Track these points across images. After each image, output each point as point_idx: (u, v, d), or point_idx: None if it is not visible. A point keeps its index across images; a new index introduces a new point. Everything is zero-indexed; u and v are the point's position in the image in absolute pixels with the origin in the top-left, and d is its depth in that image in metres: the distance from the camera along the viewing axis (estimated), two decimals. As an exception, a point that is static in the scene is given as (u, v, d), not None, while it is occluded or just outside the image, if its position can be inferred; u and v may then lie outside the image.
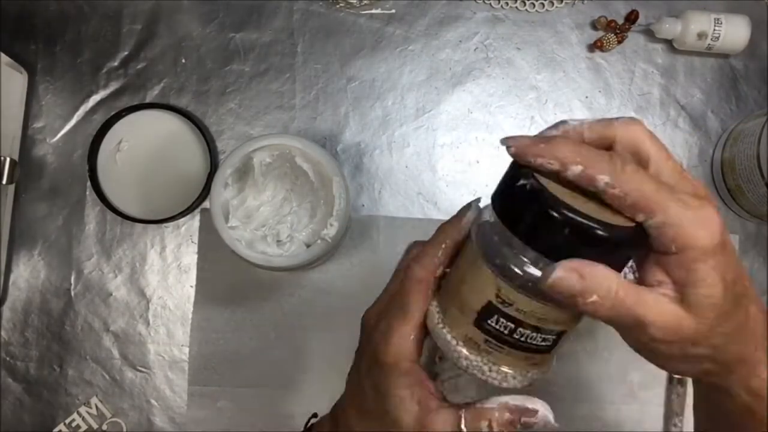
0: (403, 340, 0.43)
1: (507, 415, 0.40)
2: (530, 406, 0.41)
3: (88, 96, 0.72)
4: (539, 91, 0.73)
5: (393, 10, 0.73)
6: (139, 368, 0.70)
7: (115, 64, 0.72)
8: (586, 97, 0.73)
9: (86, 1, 0.73)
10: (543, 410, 0.41)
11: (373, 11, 0.73)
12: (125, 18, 0.72)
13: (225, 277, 0.70)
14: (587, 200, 0.36)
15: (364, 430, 0.45)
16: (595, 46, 0.73)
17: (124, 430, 0.69)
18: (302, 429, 0.52)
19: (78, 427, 0.69)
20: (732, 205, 0.71)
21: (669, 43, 0.73)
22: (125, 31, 0.72)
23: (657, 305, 0.36)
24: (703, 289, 0.36)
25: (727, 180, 0.70)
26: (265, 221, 0.64)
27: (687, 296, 0.36)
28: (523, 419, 0.41)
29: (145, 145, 0.69)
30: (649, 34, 0.73)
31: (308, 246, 0.62)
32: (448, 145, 0.72)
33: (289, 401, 0.69)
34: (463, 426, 0.41)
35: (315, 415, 0.52)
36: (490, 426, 0.40)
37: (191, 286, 0.70)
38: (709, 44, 0.70)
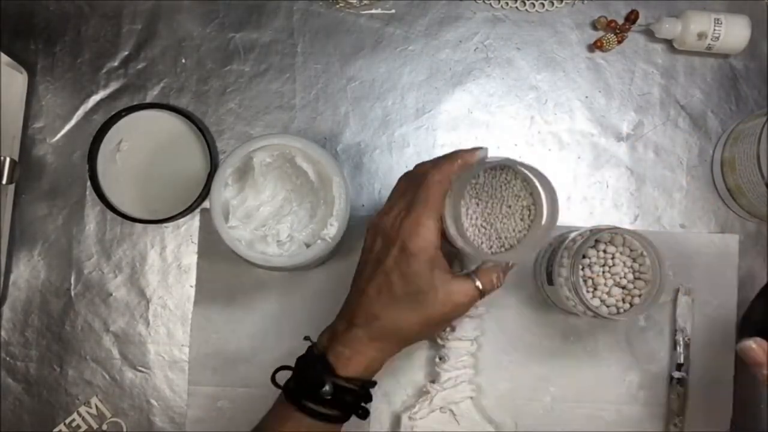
0: (429, 231, 0.53)
1: (500, 270, 0.56)
2: (504, 264, 0.57)
3: (88, 96, 0.72)
4: (539, 91, 0.73)
5: (393, 10, 0.73)
6: (139, 368, 0.70)
7: (115, 64, 0.72)
8: (586, 97, 0.73)
9: (86, 1, 0.73)
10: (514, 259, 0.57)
11: (373, 11, 0.73)
12: (125, 18, 0.72)
13: (225, 277, 0.70)
14: None
15: (396, 315, 0.54)
16: (595, 46, 0.73)
17: (124, 430, 0.69)
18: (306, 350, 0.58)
19: (78, 427, 0.69)
20: (732, 204, 0.71)
21: (669, 43, 0.73)
22: (125, 31, 0.72)
23: None
24: None
25: (727, 180, 0.70)
26: (265, 221, 0.64)
27: None
28: (510, 266, 0.57)
29: (146, 145, 0.69)
30: (649, 34, 0.73)
31: (308, 246, 0.62)
32: (449, 145, 0.72)
33: (289, 401, 0.69)
34: (478, 284, 0.55)
35: (307, 338, 0.58)
36: (498, 277, 0.56)
37: (191, 286, 0.70)
38: (709, 44, 0.70)
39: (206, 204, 0.69)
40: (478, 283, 0.55)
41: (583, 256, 0.62)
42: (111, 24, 0.72)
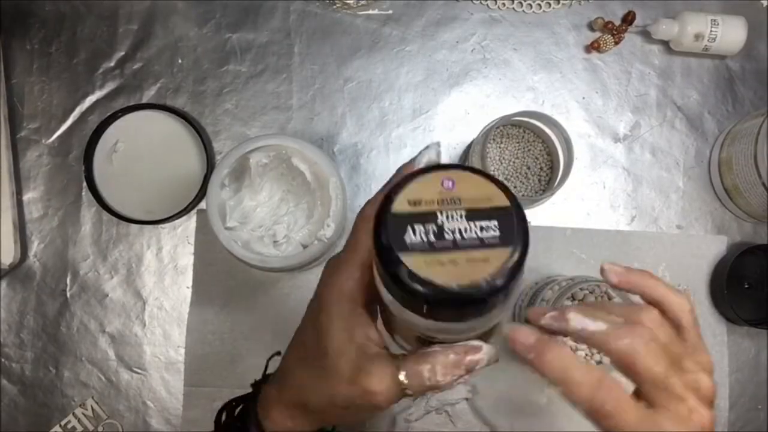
0: (347, 279, 0.40)
1: (452, 356, 0.38)
2: (474, 343, 0.39)
3: (84, 96, 0.72)
4: (536, 92, 0.73)
5: (390, 11, 0.73)
6: (135, 369, 0.70)
7: (112, 64, 0.72)
8: (583, 98, 0.73)
9: (82, 2, 0.72)
10: (486, 347, 0.39)
11: (370, 12, 0.73)
12: (121, 18, 0.72)
13: (221, 278, 0.69)
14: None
15: (303, 379, 0.43)
16: (592, 47, 0.73)
17: (120, 431, 0.69)
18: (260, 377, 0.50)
19: (74, 428, 0.69)
20: (729, 205, 0.71)
21: (666, 45, 0.73)
22: (121, 32, 0.72)
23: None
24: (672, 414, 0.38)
25: (724, 180, 0.70)
26: (261, 222, 0.64)
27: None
28: (468, 358, 0.38)
29: (142, 146, 0.69)
30: (645, 35, 0.73)
31: (305, 247, 0.62)
32: (445, 146, 0.72)
33: (285, 403, 0.69)
34: (402, 377, 0.38)
35: (278, 353, 0.48)
36: (432, 370, 0.38)
37: (187, 287, 0.70)
38: (705, 45, 0.70)
39: (202, 205, 0.69)
40: (402, 376, 0.38)
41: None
42: (107, 24, 0.72)
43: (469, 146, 0.67)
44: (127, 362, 0.70)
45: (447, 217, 0.34)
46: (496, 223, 0.34)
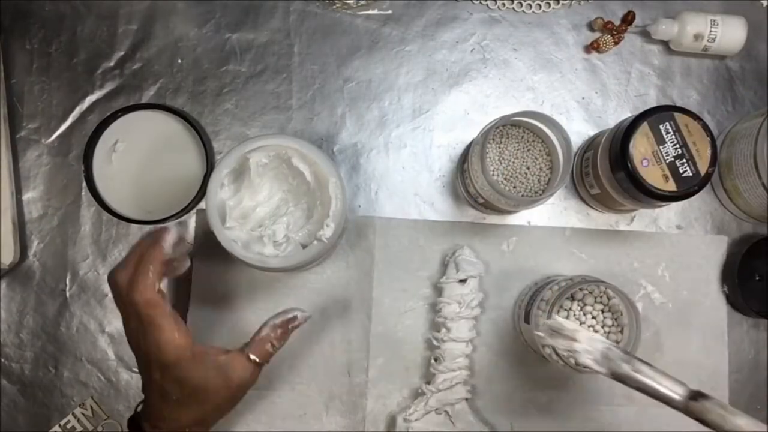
0: (175, 337, 0.53)
1: (279, 330, 0.56)
2: (289, 315, 0.57)
3: (84, 96, 0.72)
4: (536, 92, 0.73)
5: (390, 11, 0.73)
6: (135, 369, 0.70)
7: (111, 64, 0.72)
8: (583, 98, 0.73)
9: (82, 2, 0.72)
10: (298, 313, 0.57)
11: (370, 12, 0.73)
12: (121, 18, 0.72)
13: (221, 278, 0.69)
14: None
15: (176, 415, 0.54)
16: (592, 48, 0.73)
17: (120, 431, 0.69)
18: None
19: (73, 428, 0.69)
20: (728, 205, 0.71)
21: (665, 45, 0.73)
22: (121, 32, 0.72)
23: None
24: None
25: (724, 180, 0.70)
26: (261, 222, 0.64)
27: None
28: (290, 326, 0.57)
29: (141, 146, 0.69)
30: (645, 35, 0.73)
31: (304, 247, 0.62)
32: (445, 146, 0.72)
33: (284, 401, 0.69)
34: (253, 357, 0.55)
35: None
36: (272, 345, 0.56)
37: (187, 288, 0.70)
38: (705, 45, 0.70)
39: (202, 205, 0.69)
40: (253, 357, 0.55)
41: (561, 307, 0.63)
42: (107, 24, 0.72)
43: (469, 146, 0.67)
44: (126, 362, 0.70)
45: None
46: None
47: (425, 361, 0.69)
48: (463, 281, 0.67)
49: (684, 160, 0.60)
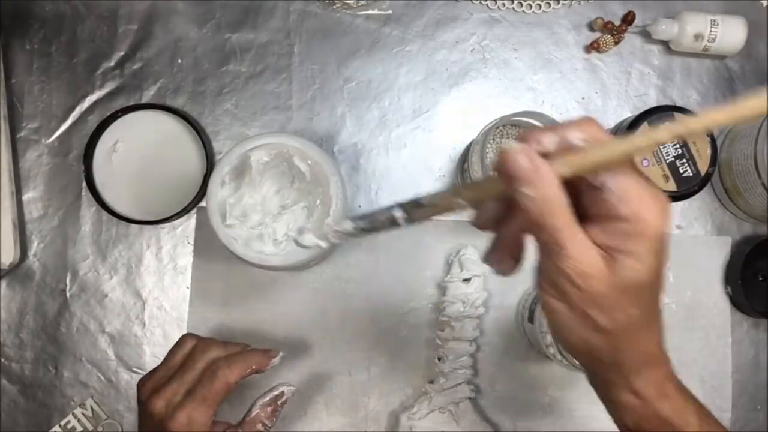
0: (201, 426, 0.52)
1: (268, 409, 0.56)
2: (276, 392, 0.56)
3: (84, 96, 0.72)
4: (536, 92, 0.73)
5: (390, 11, 0.73)
6: (135, 369, 0.70)
7: (111, 64, 0.72)
8: (583, 98, 0.73)
9: (82, 2, 0.72)
10: (285, 388, 0.57)
11: (370, 12, 0.73)
12: (121, 18, 0.72)
13: (221, 276, 0.69)
14: None
15: None
16: (592, 48, 0.73)
17: (120, 431, 0.69)
18: None
19: (73, 428, 0.69)
20: (729, 205, 0.71)
21: (665, 45, 0.73)
22: (121, 32, 0.72)
23: (583, 244, 0.35)
24: (633, 262, 0.35)
25: (724, 180, 0.70)
26: (261, 220, 0.64)
27: (615, 260, 0.35)
28: (278, 402, 0.56)
29: (141, 146, 0.69)
30: (645, 35, 0.73)
31: (305, 246, 0.62)
32: (445, 146, 0.72)
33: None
34: None
35: None
36: (264, 424, 0.56)
37: (187, 287, 0.70)
38: (705, 45, 0.70)
39: (202, 203, 0.69)
40: None
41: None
42: (107, 24, 0.72)
43: (469, 146, 0.67)
44: (126, 362, 0.70)
45: None
46: None
47: (429, 360, 0.69)
48: (467, 280, 0.67)
49: (684, 160, 0.60)
